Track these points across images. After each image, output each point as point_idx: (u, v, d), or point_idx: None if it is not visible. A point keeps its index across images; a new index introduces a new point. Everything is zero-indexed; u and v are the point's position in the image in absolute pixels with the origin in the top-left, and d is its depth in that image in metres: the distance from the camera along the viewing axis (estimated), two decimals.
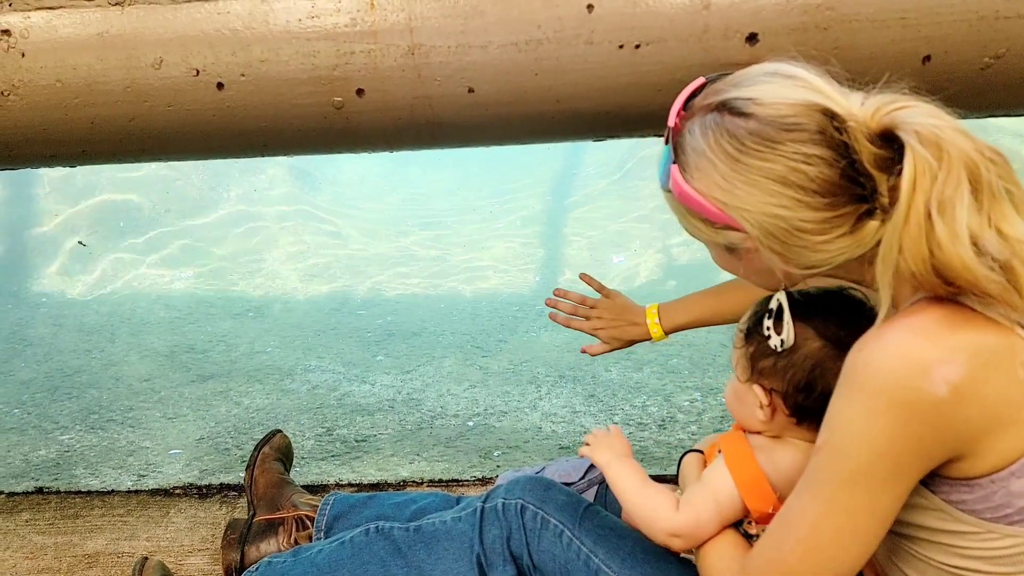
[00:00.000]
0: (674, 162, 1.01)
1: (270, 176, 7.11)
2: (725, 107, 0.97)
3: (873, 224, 0.92)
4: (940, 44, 1.30)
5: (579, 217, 6.57)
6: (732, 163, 0.95)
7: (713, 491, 1.15)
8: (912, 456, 0.87)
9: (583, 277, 1.81)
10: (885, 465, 0.87)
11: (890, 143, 0.90)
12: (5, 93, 1.28)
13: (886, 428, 0.86)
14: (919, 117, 0.88)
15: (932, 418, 0.84)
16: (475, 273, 5.56)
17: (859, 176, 0.91)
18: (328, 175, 7.91)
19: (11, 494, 2.26)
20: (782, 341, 1.08)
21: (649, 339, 1.67)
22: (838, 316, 1.11)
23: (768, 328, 1.10)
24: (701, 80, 1.07)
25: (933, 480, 0.92)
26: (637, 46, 1.31)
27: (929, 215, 0.85)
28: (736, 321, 1.59)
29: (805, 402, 1.11)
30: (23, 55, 1.27)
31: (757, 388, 1.14)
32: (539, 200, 7.18)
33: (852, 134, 0.91)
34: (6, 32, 1.26)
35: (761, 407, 1.14)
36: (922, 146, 0.86)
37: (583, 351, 1.77)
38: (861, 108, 0.92)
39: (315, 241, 6.23)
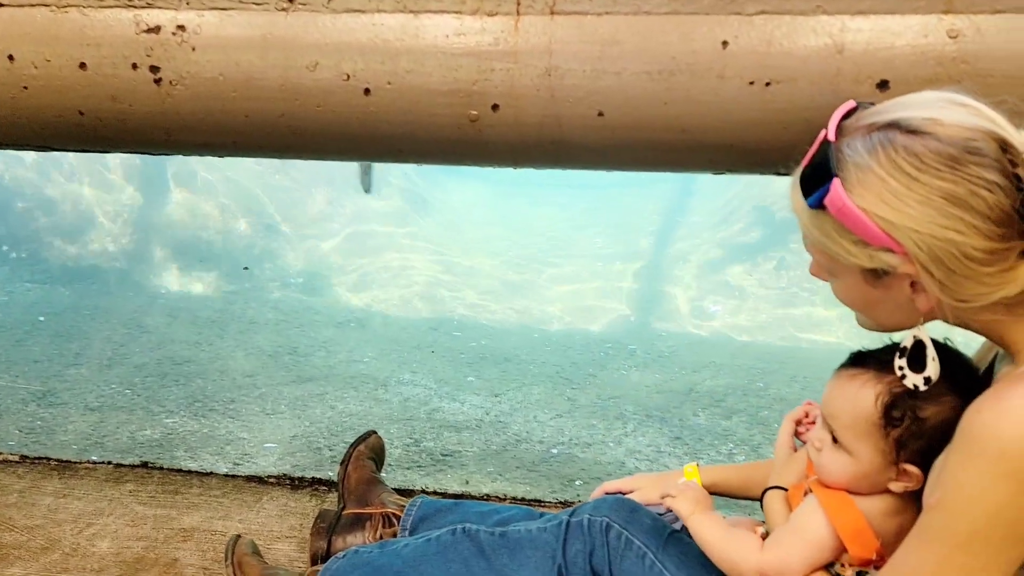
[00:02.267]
0: (835, 175, 0.96)
1: (384, 196, 7.37)
2: (897, 126, 0.93)
3: None
4: None
5: (679, 262, 6.53)
6: (908, 180, 0.91)
7: (803, 534, 1.14)
8: None
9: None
10: (1003, 530, 0.86)
11: None
12: (173, 83, 1.41)
13: (1005, 494, 0.84)
14: None
15: None
16: (570, 307, 5.59)
17: None
18: (439, 200, 8.13)
19: (118, 465, 2.40)
20: (926, 379, 1.01)
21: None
22: (962, 367, 1.07)
23: (902, 368, 1.02)
24: (852, 103, 1.03)
25: None
26: (768, 84, 1.33)
27: None
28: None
29: (928, 459, 1.04)
30: (193, 49, 1.40)
31: (911, 468, 1.06)
32: (642, 243, 7.18)
33: None
34: (181, 27, 1.40)
35: (904, 484, 1.08)
36: None
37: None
38: None
39: (420, 261, 6.40)
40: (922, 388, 1.01)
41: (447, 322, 5.11)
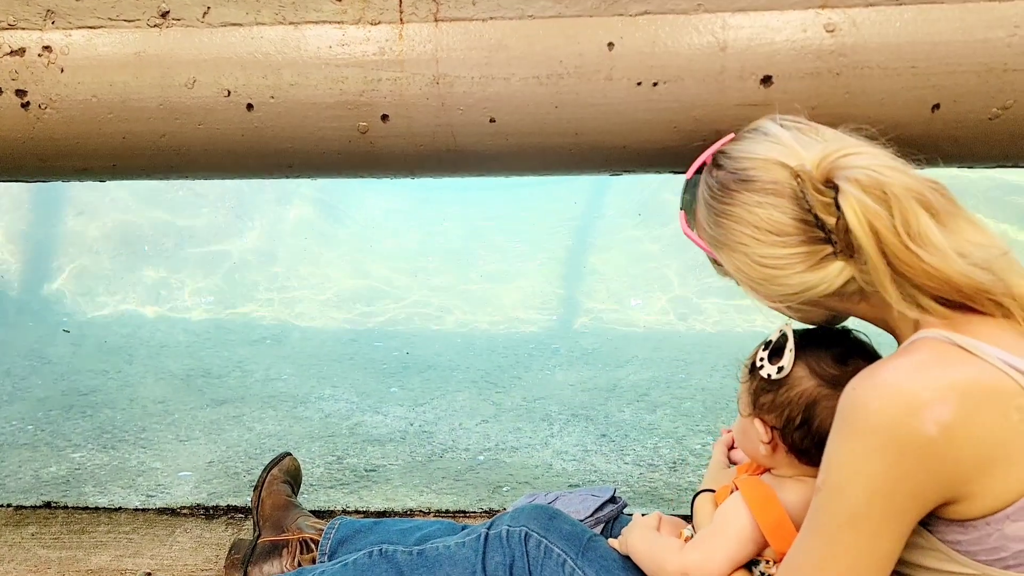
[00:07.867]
0: (682, 209, 1.21)
1: (295, 207, 7.22)
2: (715, 161, 1.15)
3: (837, 264, 0.99)
4: (949, 93, 1.32)
5: (599, 259, 6.60)
6: (708, 208, 1.12)
7: (725, 529, 1.15)
8: (906, 496, 0.87)
9: None
10: (881, 505, 0.87)
11: (836, 189, 0.98)
12: (42, 106, 1.34)
13: (879, 467, 0.86)
14: (859, 162, 0.97)
15: (923, 458, 0.84)
16: (492, 310, 5.58)
17: (816, 220, 0.99)
18: (352, 210, 8.01)
19: (19, 507, 2.27)
20: (779, 369, 1.11)
21: None
22: (835, 354, 1.12)
23: (762, 359, 1.14)
24: (731, 136, 1.20)
25: (931, 520, 0.92)
26: (655, 84, 1.34)
27: (908, 248, 0.91)
28: None
29: (803, 441, 1.12)
30: (62, 70, 1.33)
31: (758, 423, 1.16)
32: (559, 242, 7.22)
33: (803, 184, 1.00)
34: (47, 48, 1.32)
35: (762, 442, 1.16)
36: (863, 192, 0.93)
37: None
38: (812, 158, 1.01)
39: (336, 273, 6.29)
40: (775, 376, 1.12)
41: (366, 333, 5.04)
